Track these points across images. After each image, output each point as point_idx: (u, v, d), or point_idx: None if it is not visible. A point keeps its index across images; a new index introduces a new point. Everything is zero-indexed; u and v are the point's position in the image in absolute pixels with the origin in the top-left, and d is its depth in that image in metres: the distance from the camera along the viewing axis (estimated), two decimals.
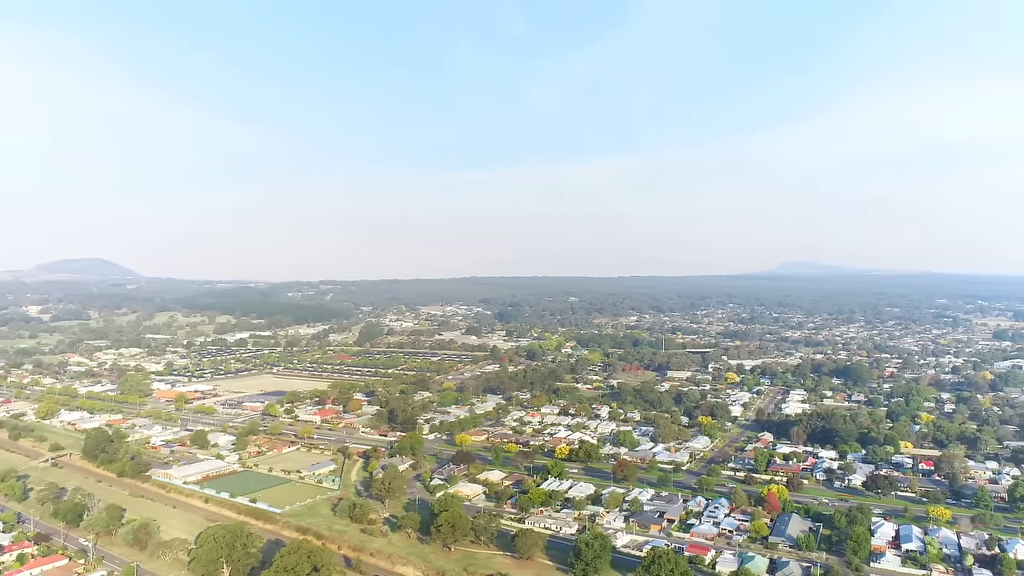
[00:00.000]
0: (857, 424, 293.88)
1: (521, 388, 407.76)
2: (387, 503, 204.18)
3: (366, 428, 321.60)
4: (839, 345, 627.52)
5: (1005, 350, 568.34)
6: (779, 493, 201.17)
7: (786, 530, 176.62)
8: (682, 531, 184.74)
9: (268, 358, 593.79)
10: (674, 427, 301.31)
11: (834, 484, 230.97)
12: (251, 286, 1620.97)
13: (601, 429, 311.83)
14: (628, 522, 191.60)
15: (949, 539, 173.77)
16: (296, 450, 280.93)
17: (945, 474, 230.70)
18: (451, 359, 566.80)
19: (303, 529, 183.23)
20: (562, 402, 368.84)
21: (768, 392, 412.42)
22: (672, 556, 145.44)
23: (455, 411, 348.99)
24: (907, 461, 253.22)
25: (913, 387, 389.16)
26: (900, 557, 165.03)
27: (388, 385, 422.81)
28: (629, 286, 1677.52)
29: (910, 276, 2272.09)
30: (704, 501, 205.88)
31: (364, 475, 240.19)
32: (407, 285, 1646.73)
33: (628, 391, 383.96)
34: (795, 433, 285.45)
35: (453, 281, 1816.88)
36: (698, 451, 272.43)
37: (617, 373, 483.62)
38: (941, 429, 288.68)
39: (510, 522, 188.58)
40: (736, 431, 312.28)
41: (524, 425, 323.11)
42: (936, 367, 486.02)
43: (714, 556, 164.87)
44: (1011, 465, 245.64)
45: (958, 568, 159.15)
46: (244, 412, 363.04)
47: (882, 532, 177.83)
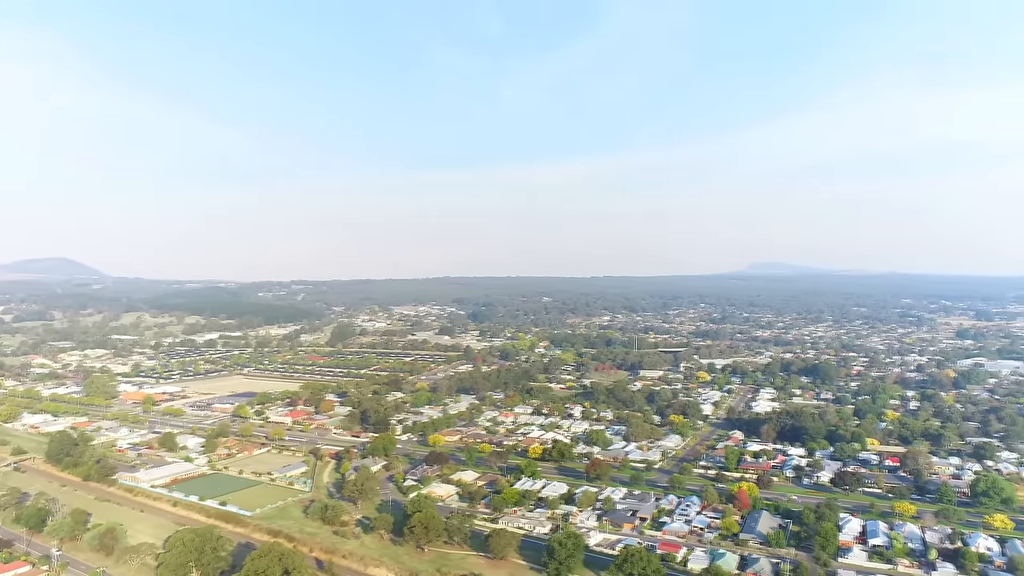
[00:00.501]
0: (825, 422, 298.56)
1: (494, 388, 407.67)
2: (359, 504, 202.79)
3: (338, 429, 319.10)
4: (808, 344, 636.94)
5: (967, 348, 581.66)
6: (749, 490, 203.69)
7: (756, 527, 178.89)
8: (654, 529, 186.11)
9: (238, 359, 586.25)
10: (646, 426, 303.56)
11: (803, 481, 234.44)
12: (221, 286, 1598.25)
13: (574, 428, 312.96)
14: (601, 521, 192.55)
15: (914, 534, 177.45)
16: (267, 452, 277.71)
17: (910, 470, 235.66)
18: (424, 359, 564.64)
19: (274, 532, 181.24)
20: (535, 402, 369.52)
21: (739, 391, 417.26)
22: (644, 554, 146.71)
23: (428, 411, 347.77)
24: (873, 458, 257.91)
25: (879, 385, 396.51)
26: (867, 552, 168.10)
27: (360, 386, 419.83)
28: (602, 286, 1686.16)
29: (876, 276, 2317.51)
30: (676, 499, 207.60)
31: (336, 477, 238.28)
32: (380, 285, 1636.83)
33: (601, 390, 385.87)
34: (765, 431, 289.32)
35: (426, 281, 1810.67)
36: (670, 450, 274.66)
37: (590, 373, 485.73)
38: (906, 426, 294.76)
39: (484, 522, 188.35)
40: (707, 429, 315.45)
41: (497, 425, 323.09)
42: (901, 365, 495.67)
43: (686, 554, 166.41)
44: (973, 461, 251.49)
45: (922, 562, 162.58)
46: (214, 414, 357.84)
47: (849, 528, 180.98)
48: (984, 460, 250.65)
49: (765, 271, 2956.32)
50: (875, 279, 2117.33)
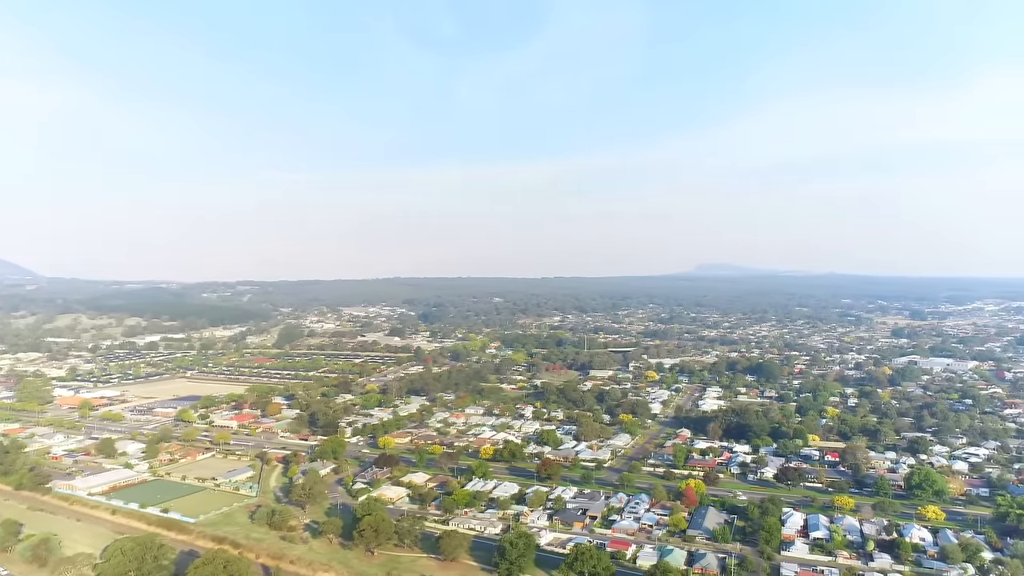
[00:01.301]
0: (769, 419, 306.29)
1: (445, 389, 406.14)
2: (308, 509, 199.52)
3: (286, 432, 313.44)
4: (752, 343, 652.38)
5: (903, 347, 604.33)
6: (697, 487, 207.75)
7: (703, 523, 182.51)
8: (604, 527, 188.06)
9: (181, 361, 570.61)
10: (596, 425, 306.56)
11: (748, 477, 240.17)
12: (163, 287, 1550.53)
13: (525, 429, 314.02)
14: (552, 520, 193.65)
15: (853, 526, 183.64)
16: (211, 457, 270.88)
17: (849, 465, 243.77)
18: (374, 361, 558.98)
19: (219, 538, 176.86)
20: (486, 402, 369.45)
21: (686, 389, 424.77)
22: (594, 552, 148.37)
23: (378, 413, 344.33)
24: (815, 453, 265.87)
25: (820, 383, 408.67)
26: (808, 545, 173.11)
27: (309, 388, 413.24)
28: (553, 287, 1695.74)
29: (817, 277, 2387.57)
30: (625, 497, 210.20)
31: (284, 481, 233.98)
32: (328, 286, 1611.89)
33: (552, 390, 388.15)
34: (711, 429, 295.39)
35: (376, 282, 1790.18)
36: (620, 448, 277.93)
37: (541, 373, 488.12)
38: (845, 422, 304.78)
39: (435, 524, 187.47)
40: (656, 428, 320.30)
41: (448, 426, 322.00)
42: (841, 363, 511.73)
43: (635, 551, 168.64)
44: (908, 455, 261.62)
45: (861, 553, 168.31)
46: (155, 418, 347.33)
47: (792, 522, 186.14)
48: (918, 454, 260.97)
49: (712, 272, 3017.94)
50: (816, 280, 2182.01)
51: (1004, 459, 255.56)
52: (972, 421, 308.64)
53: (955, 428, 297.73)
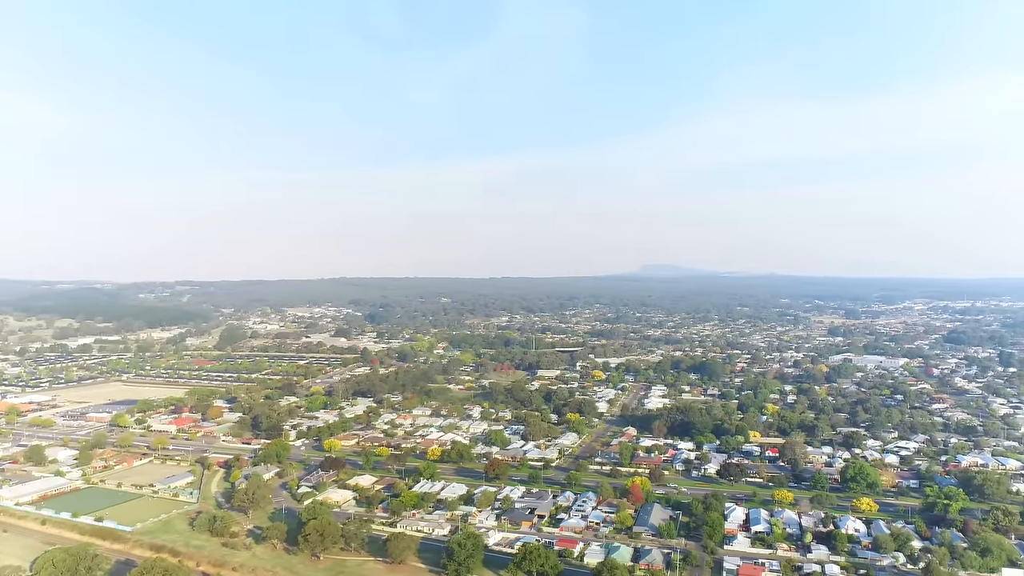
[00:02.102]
0: (712, 416, 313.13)
1: (392, 390, 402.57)
2: (251, 514, 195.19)
3: (227, 436, 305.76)
4: (696, 342, 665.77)
5: (838, 345, 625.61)
6: (642, 484, 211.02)
7: (649, 519, 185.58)
8: (552, 526, 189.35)
9: (116, 364, 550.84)
10: (544, 425, 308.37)
11: (692, 473, 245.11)
12: (97, 287, 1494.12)
13: (473, 429, 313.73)
14: (500, 520, 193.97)
15: (792, 519, 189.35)
16: (149, 463, 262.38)
17: (788, 460, 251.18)
18: (319, 362, 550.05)
19: (157, 547, 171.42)
20: (434, 403, 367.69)
21: (632, 388, 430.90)
22: (542, 551, 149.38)
23: (324, 416, 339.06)
24: (755, 449, 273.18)
25: (760, 380, 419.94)
26: (750, 539, 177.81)
27: (251, 391, 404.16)
28: (501, 287, 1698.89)
29: (757, 278, 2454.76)
30: (573, 496, 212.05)
31: (225, 486, 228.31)
32: (272, 286, 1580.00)
33: (499, 391, 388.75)
34: (656, 427, 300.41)
35: (321, 282, 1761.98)
36: (567, 447, 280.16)
37: (489, 373, 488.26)
38: (784, 419, 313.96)
39: (382, 526, 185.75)
40: (602, 427, 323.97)
41: (396, 428, 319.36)
42: (780, 361, 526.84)
43: (582, 548, 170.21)
44: (843, 449, 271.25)
45: (799, 545, 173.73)
46: (88, 424, 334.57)
47: (734, 516, 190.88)
48: (852, 448, 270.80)
49: (657, 272, 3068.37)
50: (756, 280, 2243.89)
51: (932, 452, 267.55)
52: (902, 416, 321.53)
53: (887, 423, 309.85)
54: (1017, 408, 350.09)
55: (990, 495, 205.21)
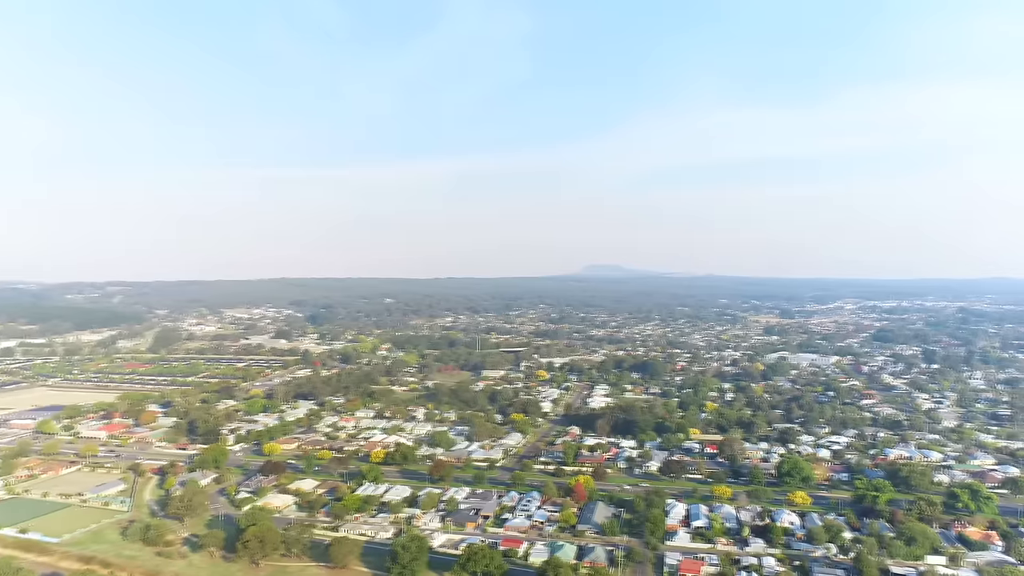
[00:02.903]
0: (654, 414, 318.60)
1: (335, 392, 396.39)
2: (187, 522, 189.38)
3: (162, 442, 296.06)
4: (638, 342, 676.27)
5: (774, 343, 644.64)
6: (586, 483, 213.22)
7: (592, 517, 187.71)
8: (497, 526, 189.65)
9: (42, 369, 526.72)
10: (489, 425, 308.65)
11: (634, 471, 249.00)
12: (20, 287, 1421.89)
13: (417, 431, 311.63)
14: (445, 522, 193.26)
15: (730, 514, 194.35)
16: (77, 471, 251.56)
17: (726, 456, 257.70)
18: (259, 364, 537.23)
19: (86, 558, 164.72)
20: (377, 405, 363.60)
21: (575, 388, 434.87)
22: (487, 551, 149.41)
23: (263, 419, 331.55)
24: (696, 446, 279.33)
25: (700, 379, 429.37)
26: (690, 534, 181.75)
27: (187, 394, 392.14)
28: (445, 287, 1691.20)
29: (697, 278, 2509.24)
30: (517, 496, 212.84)
31: (160, 493, 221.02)
32: (209, 286, 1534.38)
33: (444, 392, 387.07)
34: (600, 425, 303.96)
35: (261, 282, 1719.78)
36: (511, 447, 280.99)
37: (433, 374, 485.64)
38: (723, 416, 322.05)
39: (324, 531, 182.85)
40: (547, 426, 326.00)
41: (338, 431, 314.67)
42: (719, 360, 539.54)
43: (527, 548, 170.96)
44: (778, 445, 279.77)
45: (737, 539, 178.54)
46: (11, 431, 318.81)
47: (675, 513, 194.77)
48: (787, 444, 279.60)
49: (600, 273, 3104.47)
50: (696, 281, 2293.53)
51: (861, 446, 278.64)
52: (834, 412, 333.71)
53: (819, 418, 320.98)
54: (940, 403, 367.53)
55: (915, 486, 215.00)
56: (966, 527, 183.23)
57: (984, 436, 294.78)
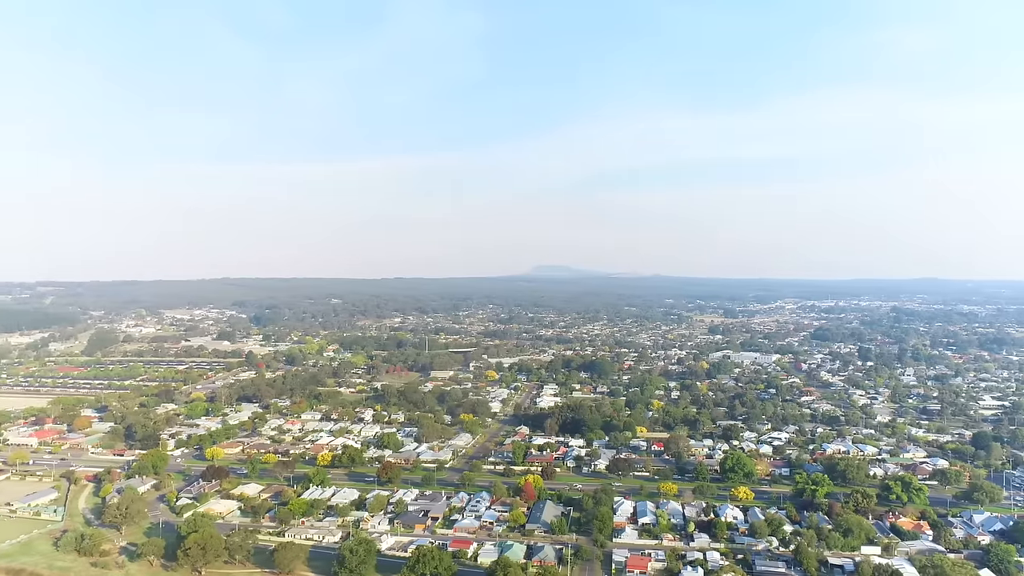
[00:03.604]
0: (601, 413, 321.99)
1: (280, 395, 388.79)
2: (125, 530, 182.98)
3: (98, 448, 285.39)
4: (586, 342, 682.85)
5: (717, 343, 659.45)
6: (535, 482, 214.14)
7: (541, 516, 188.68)
8: (446, 527, 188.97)
9: None
10: (437, 426, 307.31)
11: (583, 470, 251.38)
12: None
13: (365, 433, 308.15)
14: (393, 524, 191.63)
15: (676, 510, 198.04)
16: (6, 479, 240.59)
17: (672, 453, 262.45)
18: (201, 367, 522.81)
19: (15, 571, 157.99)
20: (324, 407, 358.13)
21: (524, 387, 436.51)
22: (436, 553, 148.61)
23: (205, 423, 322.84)
24: (642, 444, 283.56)
25: (647, 378, 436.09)
26: (637, 530, 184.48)
27: (125, 398, 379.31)
28: (393, 288, 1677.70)
29: (644, 279, 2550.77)
30: (466, 496, 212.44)
31: (96, 501, 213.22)
32: (147, 287, 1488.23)
33: (392, 393, 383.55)
34: (549, 425, 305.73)
35: (202, 282, 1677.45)
36: (460, 448, 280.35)
37: (381, 375, 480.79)
38: (669, 414, 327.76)
39: (269, 536, 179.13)
40: (496, 426, 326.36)
41: (283, 433, 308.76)
42: (665, 359, 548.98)
43: (476, 548, 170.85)
44: (722, 441, 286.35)
45: (683, 535, 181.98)
46: None
47: (622, 510, 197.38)
48: (731, 440, 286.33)
49: (548, 273, 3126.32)
50: (643, 281, 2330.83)
51: (801, 441, 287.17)
52: (775, 408, 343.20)
53: (761, 415, 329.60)
54: (874, 399, 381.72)
55: (851, 479, 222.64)
56: (899, 518, 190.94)
57: (915, 430, 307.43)
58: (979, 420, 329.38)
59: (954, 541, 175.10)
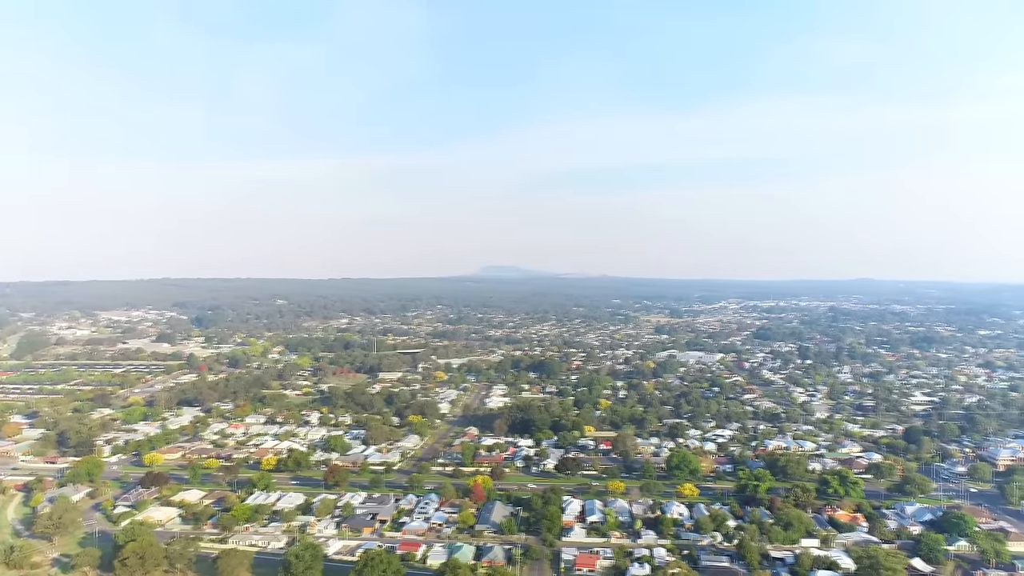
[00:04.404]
0: (550, 413, 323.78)
1: (223, 398, 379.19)
2: (57, 541, 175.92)
3: (27, 456, 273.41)
4: (535, 342, 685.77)
5: (663, 342, 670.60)
6: (484, 483, 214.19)
7: (490, 517, 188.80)
8: (395, 530, 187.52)
9: None
10: (385, 428, 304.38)
11: (532, 469, 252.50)
12: None
13: (311, 436, 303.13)
14: (340, 528, 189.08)
15: (623, 508, 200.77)
16: None
17: (620, 451, 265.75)
18: (139, 370, 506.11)
19: None
20: (269, 410, 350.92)
21: (473, 388, 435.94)
22: (384, 556, 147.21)
23: (144, 428, 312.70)
24: (590, 443, 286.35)
25: (595, 377, 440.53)
26: (586, 529, 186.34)
27: (57, 403, 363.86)
28: (340, 288, 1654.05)
29: (591, 279, 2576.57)
30: (415, 498, 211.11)
31: (26, 511, 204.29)
32: (81, 287, 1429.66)
33: (339, 395, 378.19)
34: (498, 425, 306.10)
35: (140, 283, 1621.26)
36: (409, 450, 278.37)
37: (328, 377, 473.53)
38: (616, 413, 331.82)
39: (212, 544, 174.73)
40: (445, 428, 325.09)
41: (226, 438, 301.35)
42: (612, 359, 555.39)
43: (425, 551, 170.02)
44: (668, 439, 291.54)
45: (630, 532, 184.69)
46: None
47: (571, 509, 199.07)
48: (676, 438, 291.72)
49: (497, 274, 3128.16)
50: (590, 282, 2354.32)
51: (744, 438, 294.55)
52: (719, 406, 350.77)
53: (706, 413, 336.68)
54: (813, 396, 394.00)
55: (791, 474, 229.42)
56: (836, 511, 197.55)
57: (851, 426, 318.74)
58: (910, 415, 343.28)
59: (887, 532, 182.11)
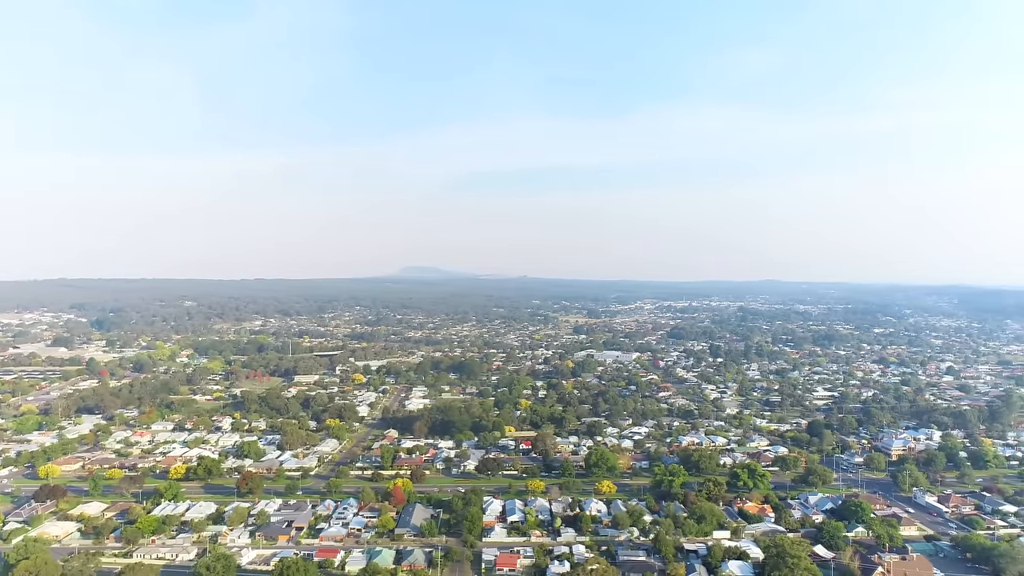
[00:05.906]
0: (471, 414, 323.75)
1: (126, 405, 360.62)
2: None
3: None
4: (455, 343, 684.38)
5: (582, 342, 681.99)
6: (404, 486, 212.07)
7: (411, 520, 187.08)
8: (312, 537, 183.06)
9: None
10: (302, 433, 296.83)
11: (452, 471, 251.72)
12: None
13: (223, 442, 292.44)
14: (255, 537, 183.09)
15: (543, 507, 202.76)
16: None
17: (540, 451, 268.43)
18: (32, 376, 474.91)
19: None
20: (177, 417, 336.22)
21: (393, 390, 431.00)
22: (301, 564, 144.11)
23: (38, 438, 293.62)
24: (511, 443, 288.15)
25: (515, 378, 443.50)
26: (506, 529, 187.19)
27: None
28: (253, 289, 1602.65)
29: (511, 280, 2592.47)
30: (333, 504, 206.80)
31: None
32: None
33: (252, 399, 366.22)
34: (417, 427, 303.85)
35: (34, 283, 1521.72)
36: (327, 454, 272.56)
37: (240, 381, 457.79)
38: (536, 412, 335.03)
39: (115, 559, 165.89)
40: (364, 431, 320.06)
41: (131, 446, 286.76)
42: (532, 359, 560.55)
43: (344, 557, 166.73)
44: (587, 437, 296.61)
45: (550, 530, 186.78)
46: None
47: (492, 509, 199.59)
48: (595, 436, 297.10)
49: (417, 275, 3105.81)
50: (510, 282, 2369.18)
51: (659, 435, 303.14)
52: (635, 404, 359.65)
53: (623, 411, 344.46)
54: (723, 393, 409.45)
55: (704, 469, 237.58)
56: (745, 503, 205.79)
57: (759, 421, 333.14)
58: (813, 410, 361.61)
59: (792, 521, 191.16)
